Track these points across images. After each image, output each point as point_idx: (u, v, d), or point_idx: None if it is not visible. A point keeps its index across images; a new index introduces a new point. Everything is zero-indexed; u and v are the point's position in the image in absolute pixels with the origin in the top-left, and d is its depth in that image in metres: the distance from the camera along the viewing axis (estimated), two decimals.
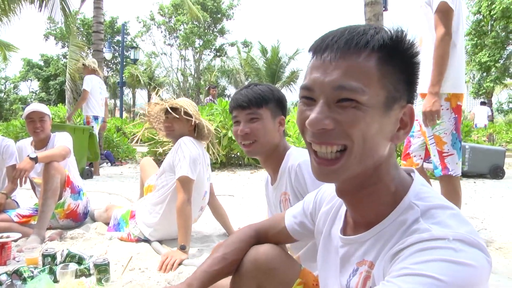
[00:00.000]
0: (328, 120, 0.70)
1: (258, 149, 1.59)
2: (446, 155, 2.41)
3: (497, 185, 5.98)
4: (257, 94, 1.56)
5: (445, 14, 2.29)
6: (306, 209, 1.06)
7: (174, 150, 2.58)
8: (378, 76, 0.70)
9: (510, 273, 2.17)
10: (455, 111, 2.40)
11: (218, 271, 1.09)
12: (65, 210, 2.98)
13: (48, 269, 1.98)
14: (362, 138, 0.70)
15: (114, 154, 9.22)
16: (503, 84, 21.10)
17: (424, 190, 0.75)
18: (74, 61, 8.46)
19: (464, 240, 0.62)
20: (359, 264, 0.79)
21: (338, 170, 0.73)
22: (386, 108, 0.71)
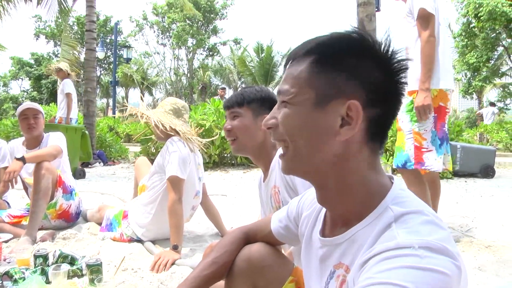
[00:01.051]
0: (271, 120, 0.84)
1: (240, 146, 1.67)
2: (425, 151, 2.56)
3: (487, 184, 6.05)
4: (239, 94, 1.68)
5: (426, 18, 2.52)
6: (290, 213, 1.07)
7: (163, 150, 2.60)
8: (305, 78, 0.77)
9: (498, 271, 2.21)
10: (436, 111, 2.58)
11: (209, 276, 1.10)
12: (57, 211, 2.97)
13: (40, 270, 1.97)
14: (294, 134, 0.79)
15: (107, 154, 9.18)
16: (492, 84, 21.31)
17: (403, 194, 0.76)
18: (67, 60, 8.40)
19: (430, 247, 0.62)
20: (336, 267, 0.79)
21: (287, 161, 0.82)
22: (317, 105, 0.76)
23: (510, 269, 2.24)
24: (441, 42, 2.60)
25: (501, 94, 22.66)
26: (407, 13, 2.65)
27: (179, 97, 28.89)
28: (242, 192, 5.12)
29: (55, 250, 2.15)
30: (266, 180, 1.70)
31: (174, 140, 2.57)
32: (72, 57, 8.59)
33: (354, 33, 0.77)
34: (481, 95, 23.64)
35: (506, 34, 18.63)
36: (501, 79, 21.65)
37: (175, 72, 31.48)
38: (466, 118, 34.77)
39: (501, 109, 22.15)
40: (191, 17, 27.90)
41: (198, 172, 2.75)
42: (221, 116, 7.37)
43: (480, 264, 2.30)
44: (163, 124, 2.58)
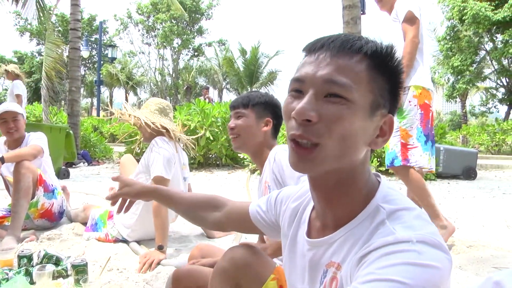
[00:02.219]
0: (314, 112, 0.71)
1: (241, 144, 1.78)
2: (411, 147, 2.63)
3: (469, 185, 6.18)
4: (246, 96, 1.80)
5: (411, 21, 2.64)
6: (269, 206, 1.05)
7: (148, 151, 2.60)
8: (367, 79, 0.73)
9: (478, 270, 2.26)
10: (422, 108, 2.65)
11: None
12: (39, 210, 2.93)
13: (24, 270, 1.95)
14: (342, 136, 0.71)
15: (91, 154, 9.08)
16: (475, 87, 21.74)
17: (391, 192, 0.78)
18: (51, 58, 8.29)
19: (426, 241, 0.65)
20: (328, 266, 0.80)
21: (314, 160, 0.73)
22: (371, 111, 0.74)
23: (489, 267, 2.30)
24: (424, 45, 2.72)
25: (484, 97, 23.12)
26: (393, 18, 2.77)
27: (164, 97, 28.78)
28: (227, 192, 5.12)
29: (40, 251, 2.13)
30: (260, 177, 1.79)
31: (159, 140, 2.57)
32: (56, 55, 8.47)
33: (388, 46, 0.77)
34: (465, 98, 24.11)
35: (488, 38, 19.02)
36: (484, 83, 22.10)
37: (160, 72, 31.30)
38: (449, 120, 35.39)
39: (483, 113, 22.60)
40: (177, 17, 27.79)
41: (183, 172, 2.75)
42: (206, 117, 7.36)
43: (461, 263, 2.36)
44: (153, 123, 2.58)
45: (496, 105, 22.51)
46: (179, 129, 2.79)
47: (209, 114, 7.39)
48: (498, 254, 2.54)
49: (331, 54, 0.73)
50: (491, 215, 3.85)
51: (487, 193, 5.47)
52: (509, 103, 19.98)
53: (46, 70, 8.27)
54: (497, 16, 15.70)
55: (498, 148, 14.41)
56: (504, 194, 5.37)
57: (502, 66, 19.02)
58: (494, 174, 8.14)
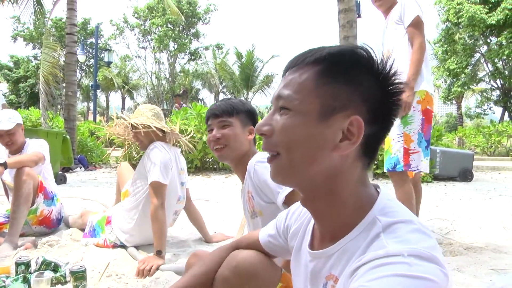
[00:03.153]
0: (266, 126, 0.80)
1: (228, 154, 1.72)
2: (412, 152, 2.61)
3: (466, 187, 6.20)
4: (228, 104, 1.73)
5: (419, 26, 2.62)
6: (278, 227, 1.07)
7: (145, 156, 2.60)
8: (313, 86, 0.75)
9: (476, 272, 2.27)
10: (424, 113, 2.63)
11: (200, 277, 1.11)
12: (38, 217, 2.92)
13: (22, 277, 1.94)
14: (291, 144, 0.76)
15: (88, 159, 9.05)
16: (471, 90, 21.85)
17: (389, 204, 0.77)
18: (48, 63, 8.27)
19: (419, 255, 0.64)
20: (328, 278, 0.80)
21: (276, 168, 0.80)
22: (322, 117, 0.74)
23: (486, 269, 2.31)
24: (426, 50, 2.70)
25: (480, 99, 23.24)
26: (396, 20, 2.72)
27: (161, 101, 28.72)
28: (225, 197, 5.13)
29: (38, 257, 2.12)
30: (242, 187, 1.76)
31: (156, 145, 2.57)
32: (53, 60, 8.45)
33: (361, 48, 0.77)
34: (460, 100, 24.22)
35: (483, 40, 19.15)
36: (479, 85, 22.22)
37: (156, 76, 31.27)
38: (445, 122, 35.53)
39: (479, 114, 22.71)
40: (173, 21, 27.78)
41: (180, 177, 2.75)
42: (203, 121, 7.37)
43: (458, 265, 2.37)
44: (157, 128, 2.58)
45: (491, 107, 22.64)
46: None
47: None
48: (495, 256, 2.56)
49: (286, 74, 0.81)
50: (488, 216, 3.86)
51: (484, 194, 5.49)
52: (504, 105, 20.11)
53: (43, 75, 8.25)
54: (492, 19, 15.83)
55: (494, 150, 14.49)
56: (500, 195, 5.40)
57: (497, 68, 19.15)
58: (490, 176, 8.19)
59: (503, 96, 19.85)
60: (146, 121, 2.61)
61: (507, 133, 13.97)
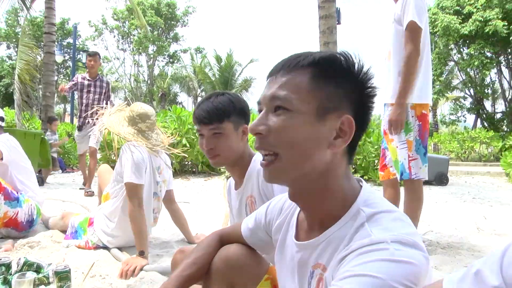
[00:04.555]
0: (262, 126, 0.81)
1: (223, 161, 1.63)
2: (411, 159, 2.55)
3: (441, 191, 6.38)
4: (218, 108, 1.55)
5: (414, 32, 2.45)
6: (258, 221, 1.11)
7: (120, 158, 2.59)
8: (308, 88, 0.80)
9: (452, 269, 2.35)
10: (419, 118, 2.55)
11: (190, 275, 1.13)
12: (2, 219, 2.79)
13: (2, 279, 1.90)
14: (290, 144, 0.79)
15: (65, 161, 8.89)
16: (445, 97, 22.42)
17: (372, 197, 0.83)
18: (24, 61, 8.09)
19: (401, 241, 0.69)
20: (314, 267, 0.84)
21: (275, 170, 0.82)
22: (318, 116, 0.79)
23: (462, 267, 2.36)
24: (426, 56, 2.56)
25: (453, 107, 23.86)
26: (395, 20, 2.57)
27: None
28: (204, 199, 5.14)
29: (20, 258, 2.07)
30: (239, 189, 1.69)
31: (128, 146, 2.56)
32: (29, 58, 8.27)
33: (345, 54, 0.82)
34: (435, 108, 24.82)
35: (456, 50, 19.70)
36: (453, 93, 22.82)
37: (135, 79, 30.94)
38: None
39: (453, 121, 23.30)
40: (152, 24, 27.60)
41: (155, 176, 2.70)
42: (182, 124, 7.35)
43: (436, 264, 2.45)
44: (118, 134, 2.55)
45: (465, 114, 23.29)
46: (163, 137, 2.77)
47: (186, 121, 7.39)
48: (470, 255, 2.66)
49: (277, 76, 0.83)
50: (462, 218, 4.00)
51: (458, 198, 5.67)
52: (476, 112, 20.72)
53: (19, 74, 8.06)
54: (465, 29, 16.32)
55: (467, 155, 14.93)
56: (474, 198, 5.58)
57: (469, 77, 19.75)
58: (464, 180, 8.44)
59: (476, 104, 20.46)
60: (112, 124, 2.56)
61: (479, 139, 14.44)
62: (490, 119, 19.62)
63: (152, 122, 2.66)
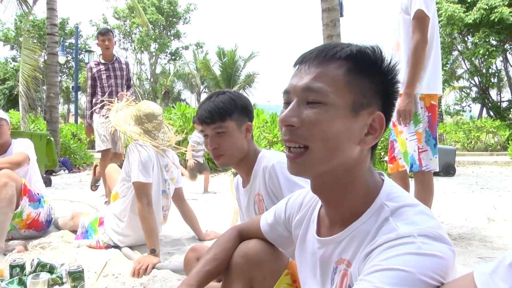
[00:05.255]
0: (295, 118, 0.78)
1: (228, 160, 1.63)
2: (421, 151, 2.52)
3: (449, 182, 6.35)
4: (219, 108, 1.57)
5: (421, 21, 2.44)
6: (278, 216, 1.11)
7: (126, 157, 2.60)
8: (345, 82, 0.77)
9: (464, 261, 2.35)
10: (429, 109, 2.53)
11: (211, 271, 1.13)
12: (25, 220, 2.85)
13: (17, 280, 1.92)
14: (323, 138, 0.77)
15: (71, 161, 8.92)
16: (451, 86, 22.28)
17: (394, 190, 0.82)
18: (28, 65, 8.11)
19: (428, 234, 0.68)
20: (338, 263, 0.84)
21: (303, 163, 0.79)
22: (353, 112, 0.77)
23: (474, 258, 2.39)
24: (435, 45, 2.54)
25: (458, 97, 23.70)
26: (403, 9, 2.55)
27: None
28: (212, 196, 5.15)
29: (33, 259, 2.09)
30: (247, 186, 1.69)
31: (134, 145, 2.57)
32: (33, 62, 8.29)
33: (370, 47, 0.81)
34: (440, 98, 24.64)
35: (460, 38, 19.54)
36: (458, 82, 22.67)
37: (138, 77, 30.97)
38: None
39: (458, 112, 23.15)
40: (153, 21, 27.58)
41: (163, 174, 2.71)
42: (188, 121, 7.35)
43: None
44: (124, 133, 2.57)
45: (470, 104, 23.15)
46: (170, 135, 2.77)
47: (190, 119, 7.39)
48: (482, 245, 2.65)
49: (310, 65, 0.80)
50: (472, 209, 3.98)
51: (466, 188, 5.64)
52: (482, 101, 20.58)
53: (23, 77, 8.08)
54: (469, 18, 16.17)
55: (473, 145, 14.84)
56: (482, 188, 5.55)
57: (474, 66, 19.59)
58: (471, 170, 8.40)
59: (481, 93, 20.31)
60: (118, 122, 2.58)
61: (485, 129, 14.33)
62: (496, 108, 19.46)
63: (159, 122, 2.66)
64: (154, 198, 2.57)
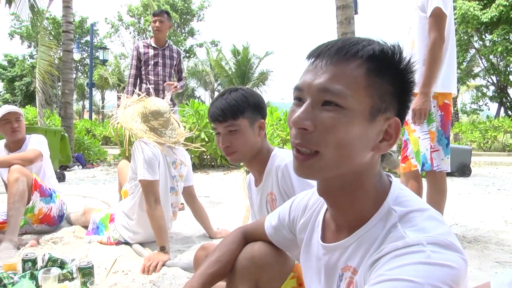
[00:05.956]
0: (309, 121, 0.72)
1: (240, 158, 1.61)
2: (433, 151, 2.48)
3: (464, 182, 6.24)
4: (231, 105, 1.54)
5: (438, 18, 2.40)
6: (282, 219, 1.08)
7: (132, 156, 2.60)
8: (365, 84, 0.71)
9: (480, 265, 2.29)
10: (442, 109, 2.49)
11: (214, 273, 1.11)
12: (37, 215, 2.89)
13: (29, 274, 1.93)
14: (338, 144, 0.71)
15: (85, 157, 9.02)
16: (466, 85, 21.93)
17: (402, 194, 0.78)
18: (44, 61, 8.22)
19: (438, 242, 0.65)
20: (344, 270, 0.80)
21: (312, 167, 0.74)
22: (371, 117, 0.72)
23: (491, 262, 2.33)
24: (450, 44, 2.50)
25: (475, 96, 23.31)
26: (419, 7, 2.50)
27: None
28: (224, 193, 5.14)
29: (44, 254, 2.10)
30: (259, 185, 1.67)
31: (139, 143, 2.57)
32: (50, 58, 8.40)
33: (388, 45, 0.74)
34: (456, 96, 24.27)
35: (477, 36, 19.21)
36: (474, 80, 22.30)
37: None
38: None
39: (475, 110, 22.79)
40: None
41: (170, 170, 2.69)
42: (201, 118, 7.36)
43: None
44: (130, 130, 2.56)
45: (487, 103, 22.77)
46: (179, 131, 2.76)
47: (204, 116, 7.40)
48: (499, 249, 2.58)
49: (327, 62, 0.73)
50: (488, 211, 3.89)
51: (482, 189, 5.53)
52: (500, 100, 20.21)
53: (39, 73, 8.20)
54: (485, 16, 15.87)
55: (490, 145, 14.58)
56: (499, 190, 5.43)
57: (492, 64, 19.23)
58: (488, 171, 8.24)
59: (499, 92, 19.94)
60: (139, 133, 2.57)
61: (503, 128, 14.06)
62: None
63: (165, 119, 2.64)
64: (162, 195, 2.57)
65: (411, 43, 2.59)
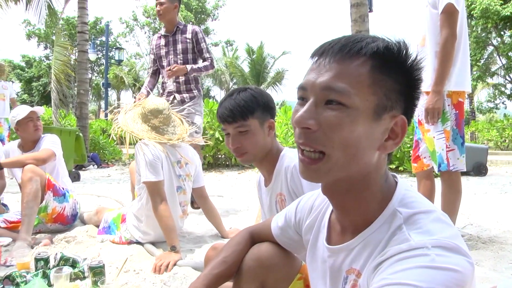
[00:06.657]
0: (312, 120, 0.71)
1: (251, 158, 1.60)
2: (449, 150, 2.44)
3: (480, 182, 6.12)
4: (240, 106, 1.52)
5: (450, 15, 2.35)
6: (288, 220, 1.07)
7: (135, 158, 2.63)
8: (369, 82, 0.70)
9: (495, 266, 2.24)
10: (456, 107, 2.45)
11: (220, 274, 1.11)
12: (50, 214, 2.92)
13: (41, 273, 1.96)
14: (342, 144, 0.70)
15: (100, 156, 9.14)
16: (485, 83, 21.53)
17: (408, 194, 0.76)
18: (59, 62, 8.34)
19: (443, 246, 0.63)
20: (348, 272, 0.79)
21: (319, 170, 0.73)
22: (376, 115, 0.71)
23: (506, 264, 2.28)
24: (463, 41, 2.45)
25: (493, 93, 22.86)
26: (430, 4, 2.45)
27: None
28: (238, 192, 5.14)
29: (56, 253, 2.14)
30: (269, 185, 1.67)
31: (139, 145, 2.58)
32: (65, 58, 8.53)
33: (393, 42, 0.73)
34: (472, 95, 23.88)
35: (496, 33, 18.84)
36: (492, 79, 21.88)
37: None
38: None
39: (491, 109, 22.36)
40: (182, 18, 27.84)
41: (175, 169, 2.69)
42: (215, 117, 7.38)
43: (477, 259, 2.34)
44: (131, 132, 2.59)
45: (504, 101, 22.30)
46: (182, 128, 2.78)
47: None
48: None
49: (331, 60, 0.72)
50: (504, 211, 3.81)
51: (499, 189, 5.42)
52: None
53: (55, 74, 8.33)
54: (506, 10, 15.54)
55: (507, 144, 14.29)
56: None
57: (511, 61, 18.82)
58: (505, 170, 8.07)
59: None
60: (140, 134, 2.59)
61: None
62: None
63: (165, 116, 2.66)
64: (168, 195, 2.58)
65: (421, 40, 2.54)
